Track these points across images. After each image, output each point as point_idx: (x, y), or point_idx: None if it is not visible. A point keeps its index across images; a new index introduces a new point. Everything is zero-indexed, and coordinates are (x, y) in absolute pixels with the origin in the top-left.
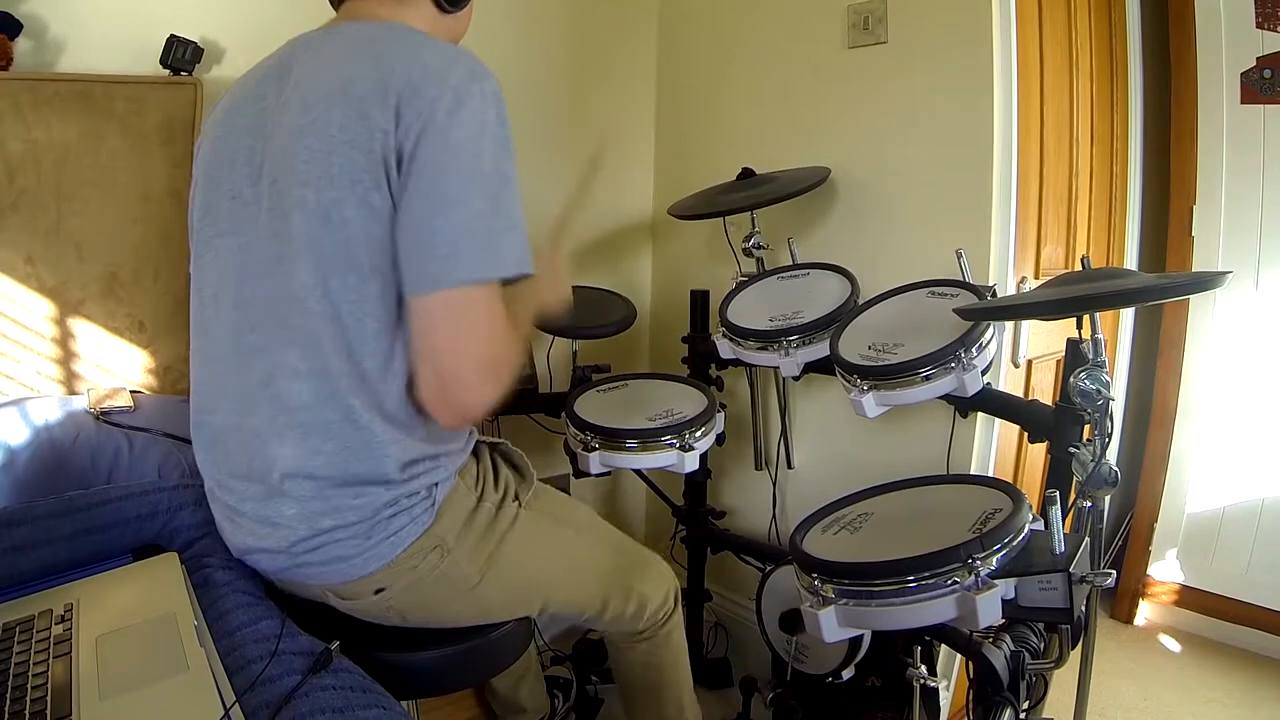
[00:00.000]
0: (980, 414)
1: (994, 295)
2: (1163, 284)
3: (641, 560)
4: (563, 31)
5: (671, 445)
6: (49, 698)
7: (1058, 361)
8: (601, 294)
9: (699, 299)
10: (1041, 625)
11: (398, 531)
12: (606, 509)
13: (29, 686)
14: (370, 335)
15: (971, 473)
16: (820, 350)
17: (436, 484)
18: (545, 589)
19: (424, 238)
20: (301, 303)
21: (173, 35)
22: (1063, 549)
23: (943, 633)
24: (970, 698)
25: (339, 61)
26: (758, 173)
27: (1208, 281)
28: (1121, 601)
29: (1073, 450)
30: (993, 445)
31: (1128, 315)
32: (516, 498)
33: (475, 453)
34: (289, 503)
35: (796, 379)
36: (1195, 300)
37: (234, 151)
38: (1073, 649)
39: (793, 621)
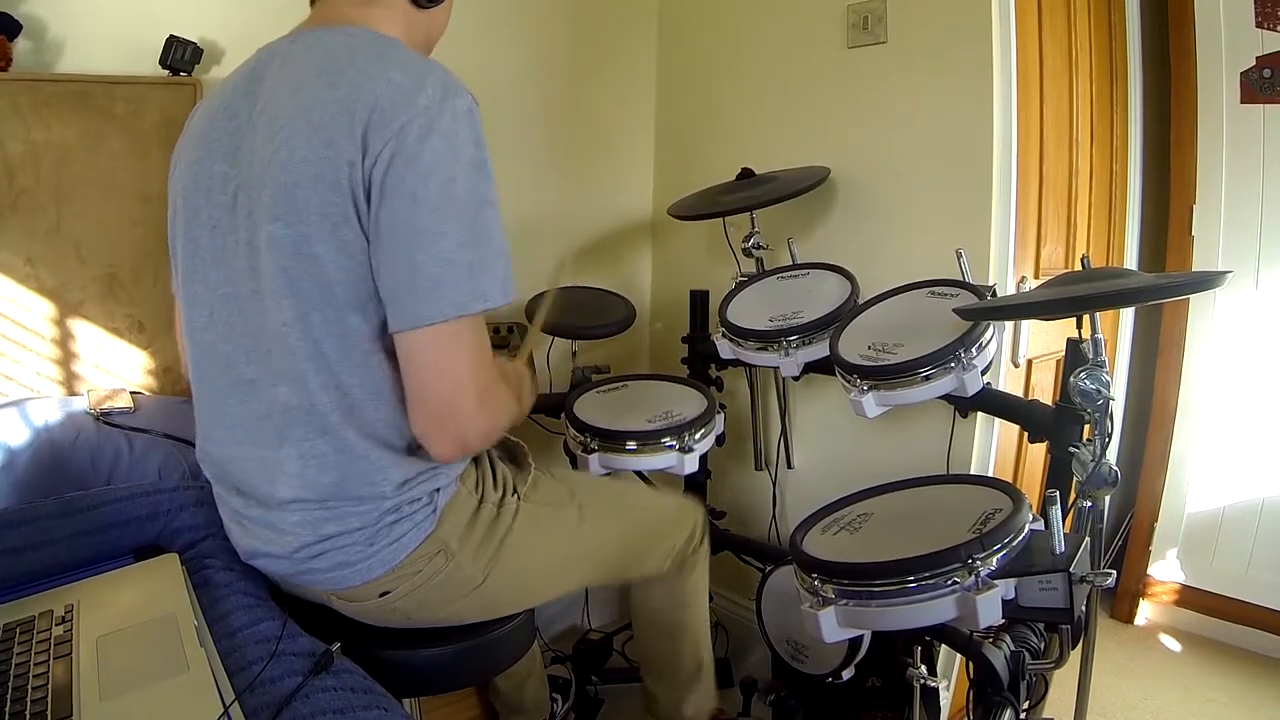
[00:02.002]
0: (980, 414)
1: (994, 295)
2: (1162, 284)
3: (659, 514)
4: (562, 31)
5: (671, 446)
6: (49, 698)
7: (1058, 361)
8: (601, 294)
9: (699, 299)
10: (1042, 625)
11: (401, 538)
12: None
13: (29, 687)
14: (356, 366)
15: (971, 473)
16: (820, 350)
17: (438, 490)
18: (554, 578)
19: (404, 273)
20: (283, 340)
21: (172, 36)
22: (1063, 549)
23: (943, 633)
24: (970, 698)
25: (303, 83)
26: (757, 173)
27: (1208, 281)
28: (1122, 601)
29: (1073, 450)
30: (993, 445)
31: (1128, 315)
32: (515, 491)
33: (474, 456)
34: (292, 512)
35: (796, 379)
36: (1195, 300)
37: (210, 177)
38: (1073, 649)
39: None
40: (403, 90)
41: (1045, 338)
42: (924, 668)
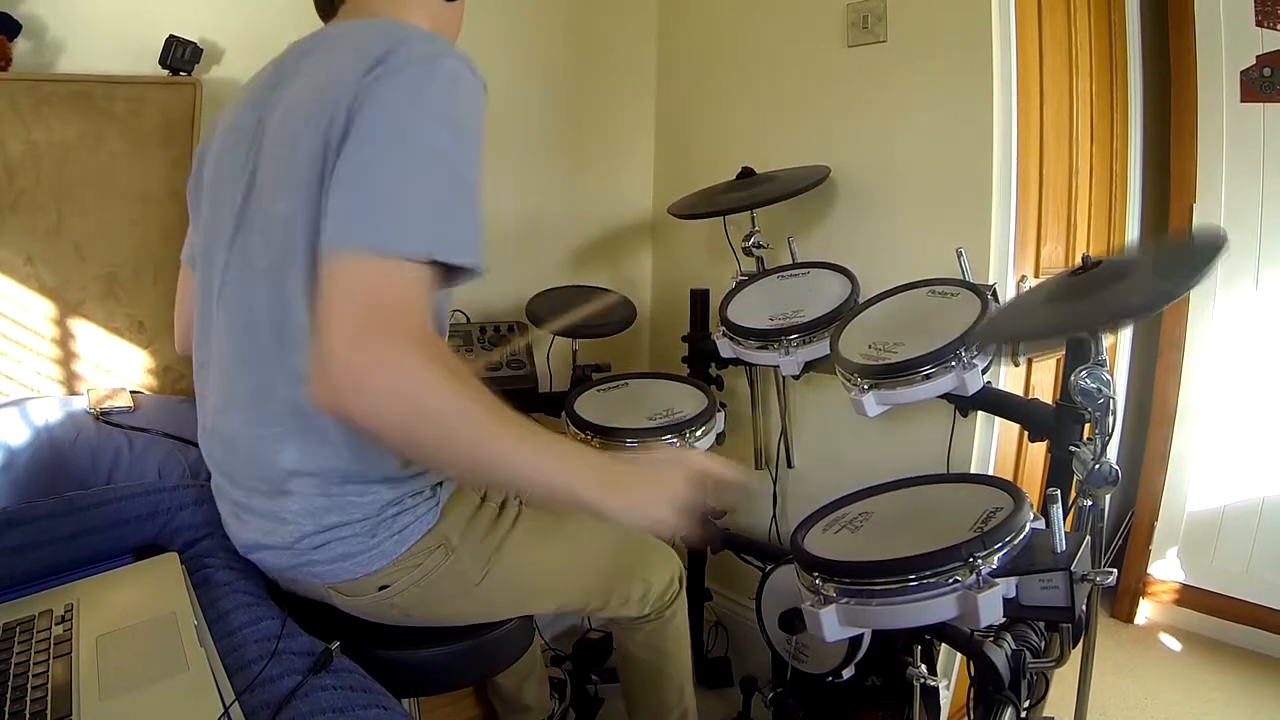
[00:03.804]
0: (980, 413)
1: (994, 295)
2: (1165, 289)
3: (645, 548)
4: (563, 31)
5: (672, 444)
6: (49, 698)
7: (1058, 360)
8: (602, 293)
9: (699, 298)
10: (1042, 624)
11: (403, 530)
12: None
13: (29, 687)
14: None
15: (972, 471)
16: (820, 349)
17: (441, 483)
18: (549, 586)
19: (336, 200)
20: (292, 308)
21: (172, 35)
22: (1064, 548)
23: (943, 632)
24: (971, 697)
25: (320, 70)
26: (757, 172)
27: (1204, 270)
28: (1122, 600)
29: (1073, 449)
30: (993, 444)
31: None
32: (517, 496)
33: None
34: (295, 499)
35: (797, 378)
36: (1195, 299)
37: (232, 166)
38: (1073, 648)
39: (793, 621)
40: (384, 58)
41: None
42: (924, 667)
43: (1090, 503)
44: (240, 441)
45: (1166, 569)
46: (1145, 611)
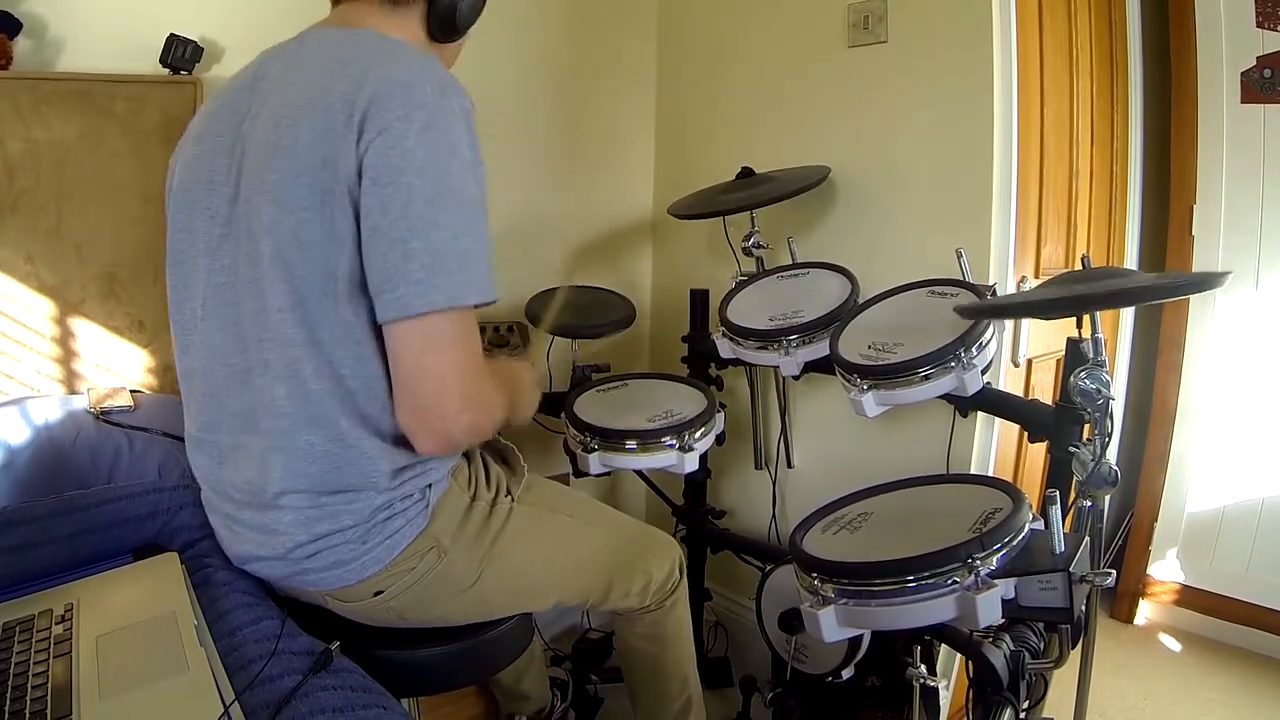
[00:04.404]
0: (980, 413)
1: (994, 295)
2: (1164, 284)
3: (644, 538)
4: (563, 31)
5: (671, 445)
6: (49, 698)
7: (1058, 361)
8: (602, 294)
9: (699, 298)
10: (1041, 625)
11: (394, 534)
12: None
13: (29, 686)
14: (349, 355)
15: (971, 472)
16: (820, 349)
17: (430, 485)
18: (545, 584)
19: (397, 262)
20: (279, 326)
21: (173, 34)
22: (1063, 549)
23: (942, 632)
24: (970, 697)
25: (306, 75)
26: (757, 172)
27: (1207, 281)
28: (1122, 601)
29: (1073, 450)
30: (993, 445)
31: (1128, 315)
32: (508, 493)
33: (467, 453)
34: (285, 512)
35: (796, 378)
36: (1195, 300)
37: (211, 170)
38: (1073, 649)
39: (792, 621)
40: (401, 83)
41: (1045, 337)
42: (924, 667)
43: (1089, 503)
44: (228, 457)
45: (1166, 570)
46: (1145, 612)
